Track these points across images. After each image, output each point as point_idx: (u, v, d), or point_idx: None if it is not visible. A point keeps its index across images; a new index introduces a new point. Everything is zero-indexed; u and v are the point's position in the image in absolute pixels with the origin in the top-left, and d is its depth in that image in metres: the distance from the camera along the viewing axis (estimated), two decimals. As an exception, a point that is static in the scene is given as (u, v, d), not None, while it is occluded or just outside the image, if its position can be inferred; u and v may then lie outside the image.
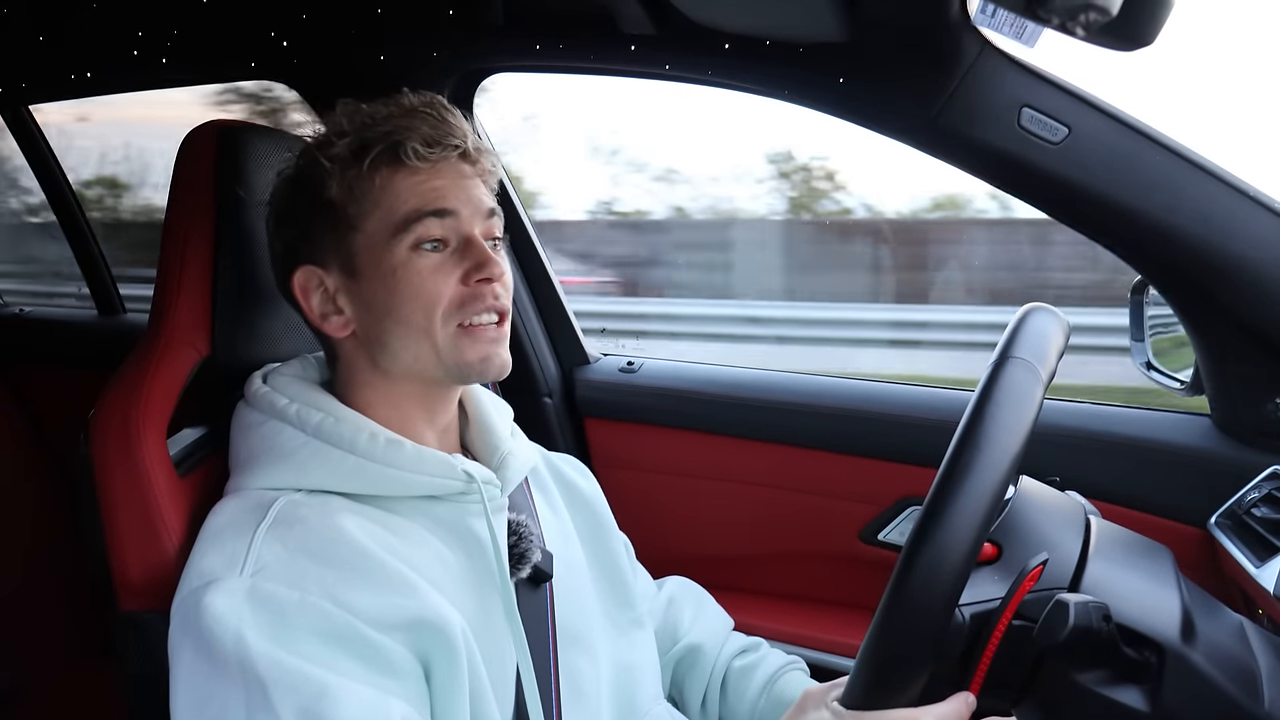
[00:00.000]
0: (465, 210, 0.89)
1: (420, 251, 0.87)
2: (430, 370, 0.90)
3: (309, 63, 1.57)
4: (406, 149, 0.86)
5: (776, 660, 1.14)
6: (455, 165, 0.90)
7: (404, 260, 0.87)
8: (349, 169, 0.87)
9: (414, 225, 0.86)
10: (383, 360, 0.90)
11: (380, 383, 0.92)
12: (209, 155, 0.99)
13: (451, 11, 1.41)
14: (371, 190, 0.87)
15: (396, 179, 0.87)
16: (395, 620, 0.78)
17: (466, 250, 0.88)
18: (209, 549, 0.81)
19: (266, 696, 0.71)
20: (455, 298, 0.88)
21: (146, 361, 0.95)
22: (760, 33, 1.22)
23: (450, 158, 0.89)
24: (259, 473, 0.88)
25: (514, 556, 0.92)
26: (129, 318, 2.31)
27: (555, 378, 1.67)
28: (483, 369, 0.90)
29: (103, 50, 1.74)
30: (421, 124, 0.87)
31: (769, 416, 1.49)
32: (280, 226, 0.93)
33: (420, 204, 0.87)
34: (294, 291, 0.91)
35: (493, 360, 0.90)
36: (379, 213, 0.87)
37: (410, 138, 0.86)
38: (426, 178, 0.88)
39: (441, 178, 0.88)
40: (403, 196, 0.87)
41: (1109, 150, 1.12)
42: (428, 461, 0.88)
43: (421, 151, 0.87)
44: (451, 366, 0.89)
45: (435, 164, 0.88)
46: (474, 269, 0.88)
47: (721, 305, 5.85)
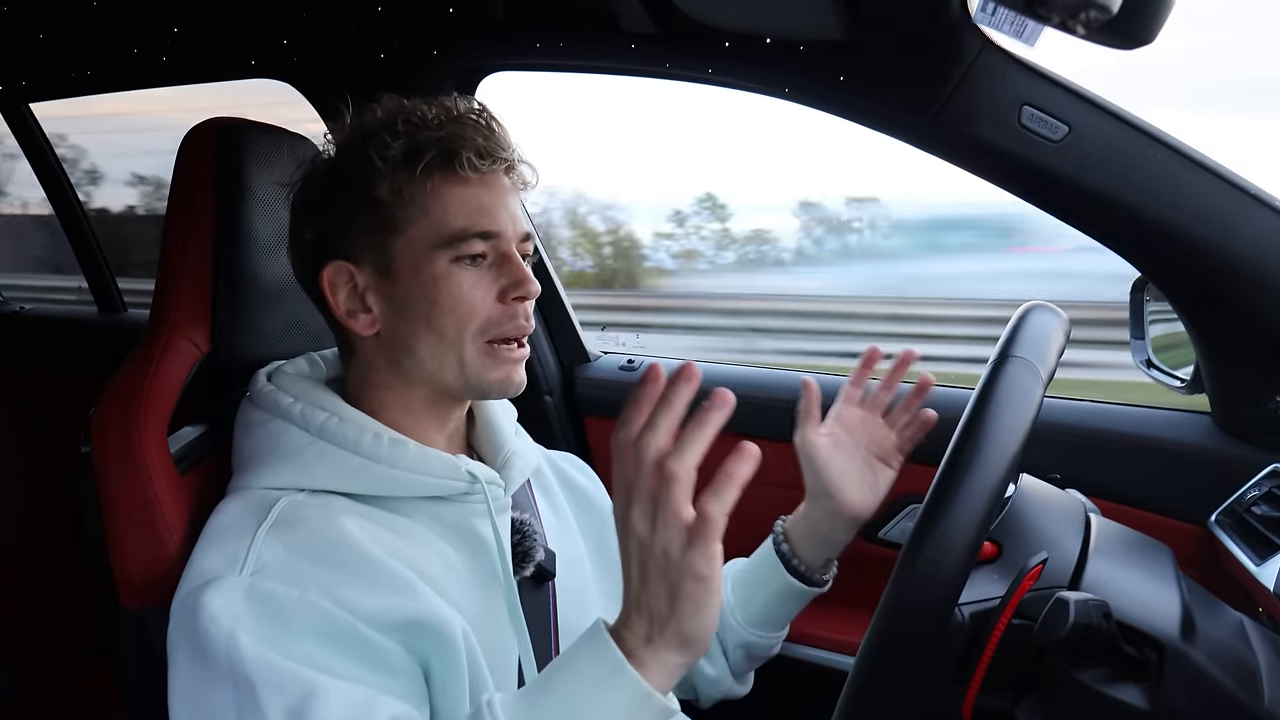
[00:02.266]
0: (509, 230, 0.89)
1: (461, 264, 0.87)
2: (450, 381, 0.90)
3: (309, 61, 1.57)
4: (462, 159, 0.86)
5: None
6: (501, 179, 0.90)
7: (444, 271, 0.87)
8: (400, 171, 0.86)
9: (460, 243, 0.87)
10: (405, 364, 0.90)
11: (397, 384, 0.92)
12: (209, 153, 0.99)
13: (452, 10, 1.41)
14: (421, 196, 0.87)
15: (446, 188, 0.87)
16: (395, 621, 0.78)
17: (504, 267, 0.89)
18: (210, 548, 0.81)
19: (255, 696, 0.71)
20: (489, 314, 0.88)
21: (147, 359, 0.95)
22: (760, 31, 1.22)
23: (499, 170, 0.89)
24: (262, 472, 0.88)
25: (517, 555, 0.92)
26: (129, 315, 2.31)
27: (556, 376, 1.67)
28: (502, 388, 0.91)
29: (103, 48, 1.74)
30: (475, 134, 0.87)
31: (769, 415, 1.49)
32: (313, 215, 0.91)
33: (469, 223, 0.87)
34: (321, 284, 0.90)
35: (511, 380, 0.91)
36: (426, 220, 0.87)
37: (465, 147, 0.86)
38: (476, 191, 0.87)
39: (490, 192, 0.88)
40: (452, 209, 0.87)
41: (1110, 148, 1.11)
42: (431, 462, 0.88)
43: (475, 163, 0.86)
44: (472, 381, 0.89)
45: (485, 175, 0.88)
46: (511, 286, 0.88)
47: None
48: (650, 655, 0.68)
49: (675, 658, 0.68)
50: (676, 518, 0.64)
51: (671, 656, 0.68)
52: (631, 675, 0.67)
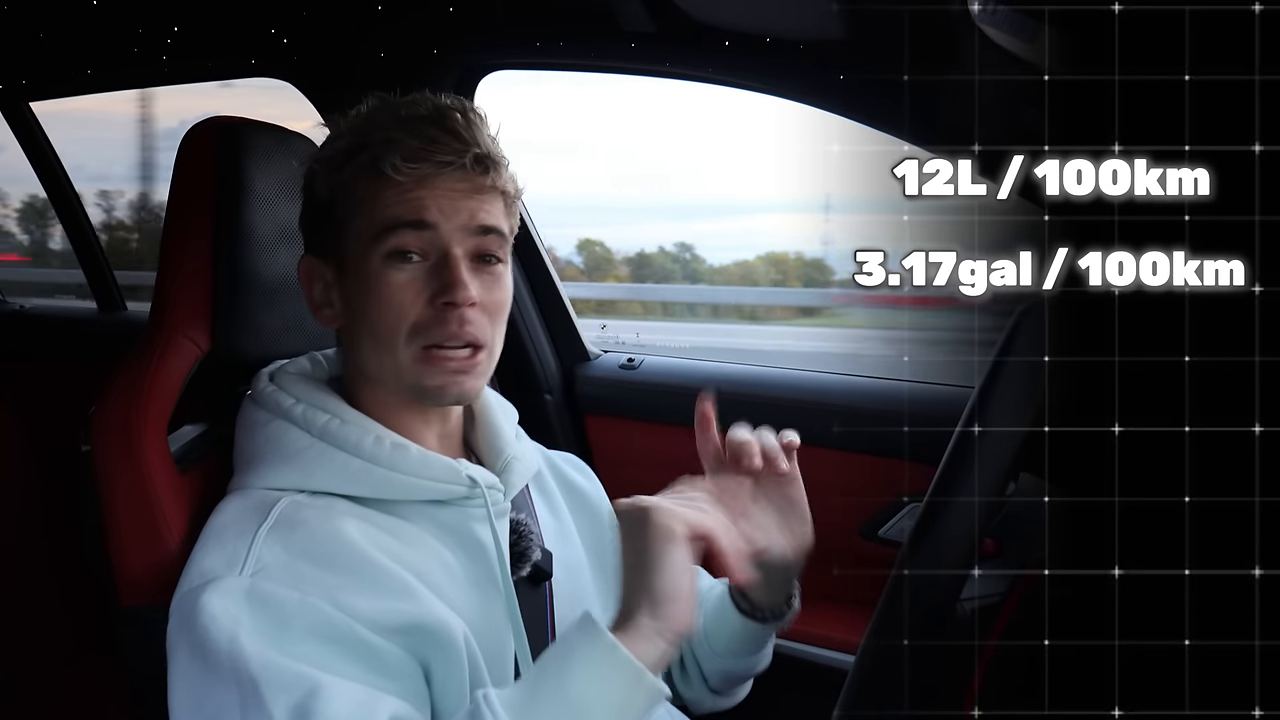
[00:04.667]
0: (447, 224, 0.85)
1: (393, 262, 0.85)
2: (392, 384, 0.89)
3: (309, 60, 1.57)
4: (386, 162, 0.84)
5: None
6: (448, 177, 0.86)
7: (378, 270, 0.85)
8: (342, 170, 0.87)
9: (389, 235, 0.84)
10: (359, 361, 0.90)
11: (363, 381, 0.92)
12: (209, 152, 0.99)
13: (452, 8, 1.41)
14: (354, 194, 0.87)
15: (377, 186, 0.85)
16: (395, 624, 0.78)
17: (439, 268, 0.85)
18: (210, 548, 0.81)
19: (259, 695, 0.70)
20: (421, 318, 0.85)
21: (147, 357, 0.95)
22: (760, 30, 1.22)
23: (442, 172, 0.85)
24: (263, 472, 0.88)
25: (514, 555, 0.92)
26: (129, 313, 2.31)
27: (555, 375, 1.67)
28: (439, 395, 0.88)
29: (103, 47, 1.74)
30: (413, 137, 0.84)
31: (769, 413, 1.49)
32: (300, 214, 0.94)
33: (398, 214, 0.84)
34: (300, 277, 0.93)
35: (450, 390, 0.87)
36: (362, 217, 0.86)
37: (392, 151, 0.84)
38: (411, 188, 0.85)
39: (426, 189, 0.85)
40: (383, 203, 0.85)
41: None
42: (432, 466, 0.88)
43: (400, 166, 0.84)
44: (411, 386, 0.87)
45: (424, 175, 0.85)
46: (440, 290, 0.85)
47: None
48: (633, 630, 0.70)
49: (649, 620, 0.71)
50: None
51: (645, 620, 0.70)
52: (622, 654, 0.69)
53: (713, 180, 8.69)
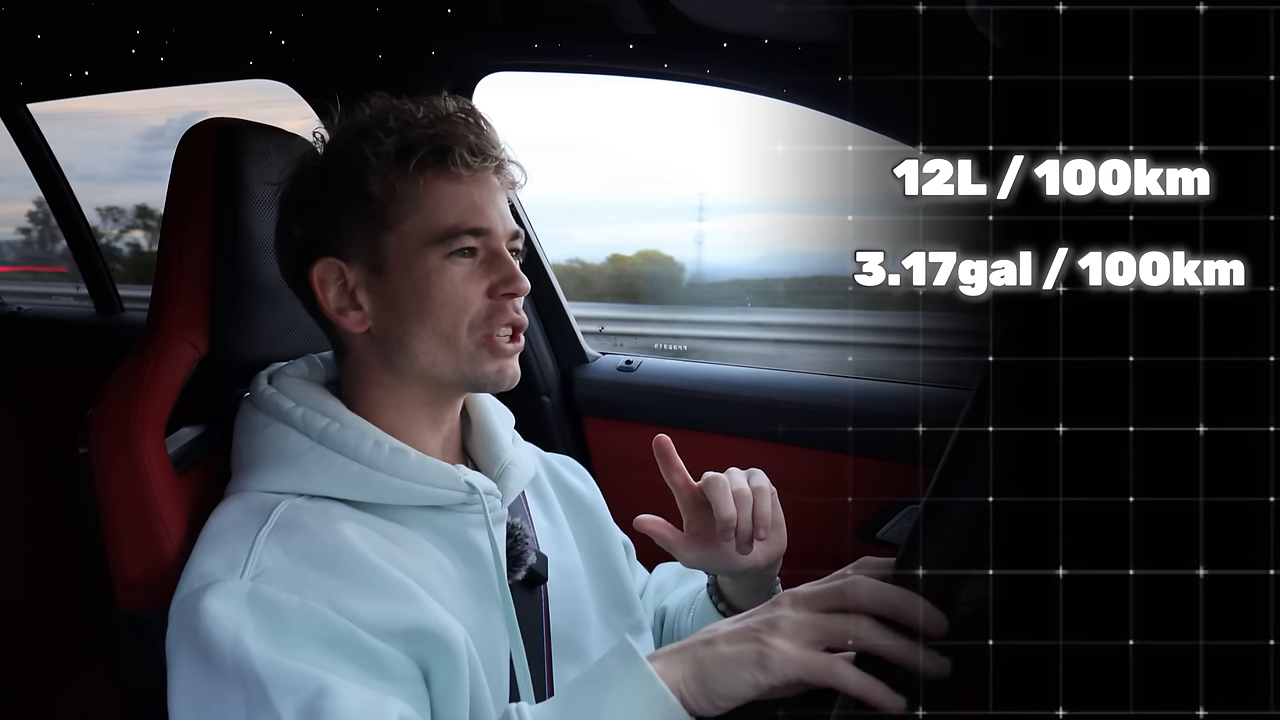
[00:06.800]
0: (499, 228, 0.90)
1: (453, 259, 0.88)
2: (445, 375, 0.90)
3: (306, 61, 1.57)
4: (455, 156, 0.86)
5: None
6: (491, 178, 0.90)
7: (437, 267, 0.87)
8: (393, 167, 0.87)
9: (453, 239, 0.87)
10: (398, 360, 0.90)
11: (389, 382, 0.92)
12: (207, 153, 0.99)
13: (450, 10, 1.41)
14: (414, 192, 0.87)
15: (439, 185, 0.87)
16: (395, 628, 0.78)
17: (494, 263, 0.89)
18: (210, 550, 0.81)
19: (266, 697, 0.70)
20: (482, 309, 0.89)
21: (145, 360, 0.95)
22: (759, 32, 1.22)
23: (489, 169, 0.90)
24: (262, 475, 0.88)
25: (509, 559, 0.92)
26: (127, 316, 2.31)
27: (554, 377, 1.67)
28: (497, 380, 0.91)
29: (100, 49, 1.74)
30: (466, 131, 0.88)
31: (767, 415, 1.49)
32: (303, 213, 0.91)
33: (461, 220, 0.87)
34: (311, 281, 0.90)
35: (506, 372, 0.91)
36: (418, 216, 0.87)
37: (458, 144, 0.87)
38: (467, 188, 0.88)
39: (481, 189, 0.89)
40: (444, 206, 0.87)
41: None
42: (431, 471, 0.88)
43: (468, 160, 0.87)
44: (469, 374, 0.90)
45: (476, 173, 0.88)
46: (501, 283, 0.89)
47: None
48: (673, 666, 0.68)
49: (694, 685, 0.68)
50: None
51: (690, 682, 0.68)
52: (659, 687, 0.66)
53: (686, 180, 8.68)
